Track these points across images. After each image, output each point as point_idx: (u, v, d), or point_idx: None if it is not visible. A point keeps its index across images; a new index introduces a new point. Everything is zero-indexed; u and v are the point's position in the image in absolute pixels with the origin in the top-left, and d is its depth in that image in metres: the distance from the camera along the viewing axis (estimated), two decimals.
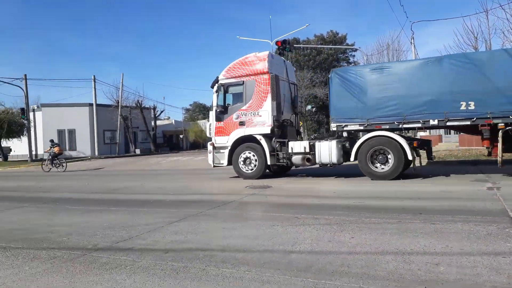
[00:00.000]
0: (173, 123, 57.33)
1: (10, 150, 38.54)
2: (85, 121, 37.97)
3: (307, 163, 11.65)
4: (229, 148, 12.40)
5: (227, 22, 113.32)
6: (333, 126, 11.23)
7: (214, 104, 12.75)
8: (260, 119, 12.01)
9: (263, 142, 11.92)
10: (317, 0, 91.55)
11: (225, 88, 12.55)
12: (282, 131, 12.16)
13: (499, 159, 9.57)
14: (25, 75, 32.75)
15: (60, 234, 5.54)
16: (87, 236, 5.36)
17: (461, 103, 9.59)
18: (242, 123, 12.25)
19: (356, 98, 10.79)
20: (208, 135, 13.39)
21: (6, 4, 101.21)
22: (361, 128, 10.91)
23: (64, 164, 21.69)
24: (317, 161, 11.39)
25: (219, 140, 12.68)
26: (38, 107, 39.54)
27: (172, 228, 5.63)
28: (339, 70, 11.55)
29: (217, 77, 12.70)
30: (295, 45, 33.09)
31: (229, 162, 12.53)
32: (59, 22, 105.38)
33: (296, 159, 11.68)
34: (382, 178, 10.37)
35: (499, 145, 9.41)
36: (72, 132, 38.30)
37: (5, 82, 31.89)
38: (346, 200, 7.43)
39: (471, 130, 10.34)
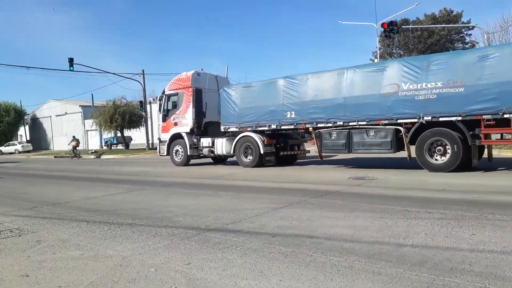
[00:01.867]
0: None
1: (131, 139, 43.10)
2: None
3: (212, 154, 15.59)
4: (167, 142, 16.60)
5: (328, 8, 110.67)
6: (222, 128, 15.14)
7: (158, 109, 17.21)
8: (185, 121, 16.00)
9: (185, 138, 15.90)
10: None
11: (167, 97, 16.69)
12: (204, 130, 16.10)
13: (318, 153, 12.79)
14: (143, 70, 36.04)
15: (176, 214, 6.04)
16: (200, 217, 5.75)
17: (287, 112, 13.09)
18: (176, 124, 16.36)
19: (233, 108, 14.62)
20: (158, 133, 17.93)
21: (124, 5, 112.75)
22: (237, 129, 14.66)
23: (78, 155, 31.89)
24: (215, 153, 15.25)
25: (163, 136, 16.93)
26: (153, 99, 43.36)
27: (277, 214, 5.75)
28: (226, 87, 15.31)
29: (164, 90, 16.91)
30: (403, 27, 30.91)
31: (168, 153, 16.74)
32: (170, 21, 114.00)
33: (204, 151, 15.65)
34: (246, 166, 14.15)
35: (316, 143, 12.50)
36: None
37: (127, 78, 35.59)
38: (462, 194, 6.79)
39: (305, 131, 13.64)
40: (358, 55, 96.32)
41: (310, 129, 12.64)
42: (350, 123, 11.66)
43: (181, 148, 16.17)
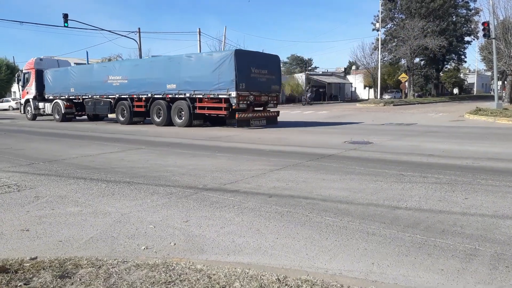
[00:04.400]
0: None
1: None
2: None
3: (43, 114, 23.20)
4: (23, 104, 24.34)
5: None
6: (46, 96, 22.46)
7: (17, 82, 25.47)
8: (32, 91, 23.18)
9: (31, 102, 23.37)
10: None
11: (24, 74, 24.07)
12: (46, 97, 22.78)
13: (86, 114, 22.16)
14: (139, 28, 35.15)
15: (174, 174, 6.09)
16: (198, 177, 5.81)
17: (71, 88, 20.53)
18: (27, 92, 23.74)
19: (49, 83, 22.01)
20: (19, 98, 29.34)
21: None
22: (52, 98, 22.00)
23: None
24: (45, 112, 22.85)
25: (22, 101, 24.59)
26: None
27: (273, 176, 5.82)
28: (47, 70, 22.45)
29: (22, 69, 25.31)
30: None
31: (24, 112, 24.38)
32: None
33: (41, 111, 23.12)
34: (57, 121, 21.59)
35: (85, 107, 20.69)
36: None
37: (122, 35, 34.71)
38: (457, 160, 6.88)
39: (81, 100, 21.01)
40: (360, 18, 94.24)
41: (81, 99, 20.43)
42: (94, 96, 19.54)
43: (30, 109, 23.67)
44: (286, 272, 2.66)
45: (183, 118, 15.72)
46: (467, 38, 52.15)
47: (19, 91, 24.74)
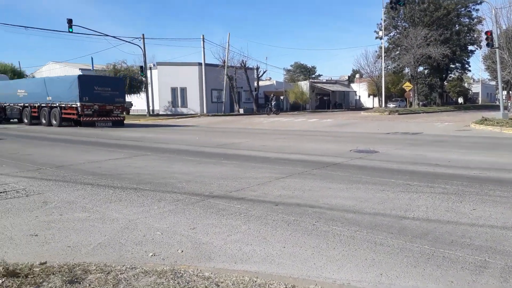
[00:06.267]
0: (274, 84, 57.54)
1: (131, 104, 42.74)
2: (195, 80, 40.12)
3: None
4: None
5: None
6: None
7: None
8: None
9: None
10: None
11: None
12: None
13: None
14: (143, 34, 35.51)
15: (180, 181, 6.11)
16: (204, 184, 5.82)
17: None
18: None
19: None
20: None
21: None
22: None
23: None
24: None
25: None
26: (154, 65, 42.75)
27: (279, 184, 5.82)
28: None
29: None
30: None
31: None
32: None
33: None
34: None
35: None
36: (183, 90, 40.90)
37: (126, 41, 35.25)
38: (464, 170, 6.85)
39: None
40: (363, 26, 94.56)
41: (3, 106, 25.69)
42: (10, 104, 25.02)
43: None
44: (294, 282, 2.66)
45: (57, 120, 22.08)
46: (470, 47, 52.09)
47: None
